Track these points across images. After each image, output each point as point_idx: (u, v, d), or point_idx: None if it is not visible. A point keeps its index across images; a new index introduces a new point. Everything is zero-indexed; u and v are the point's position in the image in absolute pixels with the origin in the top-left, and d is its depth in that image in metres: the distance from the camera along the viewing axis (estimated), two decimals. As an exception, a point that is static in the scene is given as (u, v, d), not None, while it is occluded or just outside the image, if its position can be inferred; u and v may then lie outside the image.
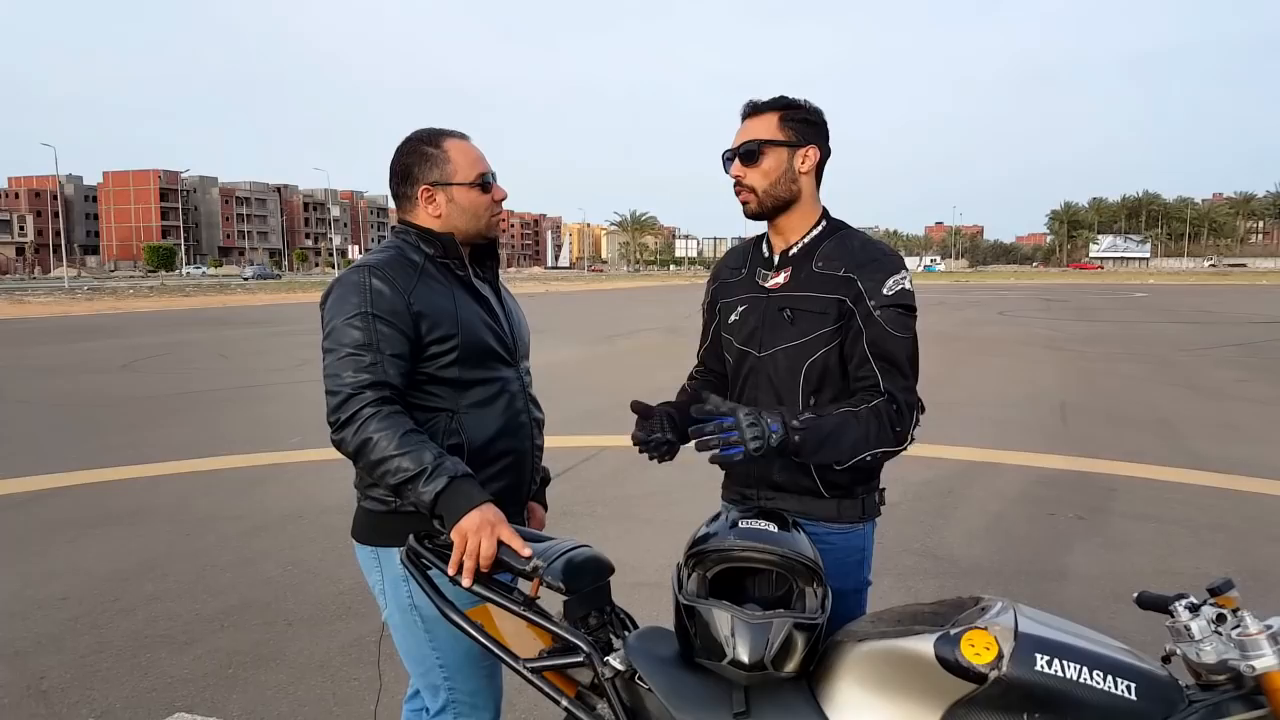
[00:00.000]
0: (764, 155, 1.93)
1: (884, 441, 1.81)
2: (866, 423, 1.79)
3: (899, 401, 1.83)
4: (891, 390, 1.83)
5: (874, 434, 1.79)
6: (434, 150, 1.95)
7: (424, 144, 1.97)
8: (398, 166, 1.98)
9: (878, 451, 1.81)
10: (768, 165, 1.93)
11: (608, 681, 1.62)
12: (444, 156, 1.95)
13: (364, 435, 1.75)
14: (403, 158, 1.98)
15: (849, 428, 1.77)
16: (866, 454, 1.79)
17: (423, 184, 1.95)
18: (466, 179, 1.96)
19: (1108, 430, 8.15)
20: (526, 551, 1.67)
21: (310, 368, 13.05)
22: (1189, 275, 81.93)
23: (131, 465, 6.91)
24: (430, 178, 1.95)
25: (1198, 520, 5.28)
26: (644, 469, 6.68)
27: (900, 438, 1.83)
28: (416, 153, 1.96)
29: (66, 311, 29.67)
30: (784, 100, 1.96)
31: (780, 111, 1.94)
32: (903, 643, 1.50)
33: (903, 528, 5.08)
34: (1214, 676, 1.45)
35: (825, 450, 1.76)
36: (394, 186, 2.01)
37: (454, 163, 1.95)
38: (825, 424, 1.75)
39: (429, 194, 1.95)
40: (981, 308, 29.91)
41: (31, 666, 3.48)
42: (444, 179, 1.95)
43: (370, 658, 3.52)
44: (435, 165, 1.95)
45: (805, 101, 1.97)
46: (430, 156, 1.95)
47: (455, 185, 1.95)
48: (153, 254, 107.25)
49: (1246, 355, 14.51)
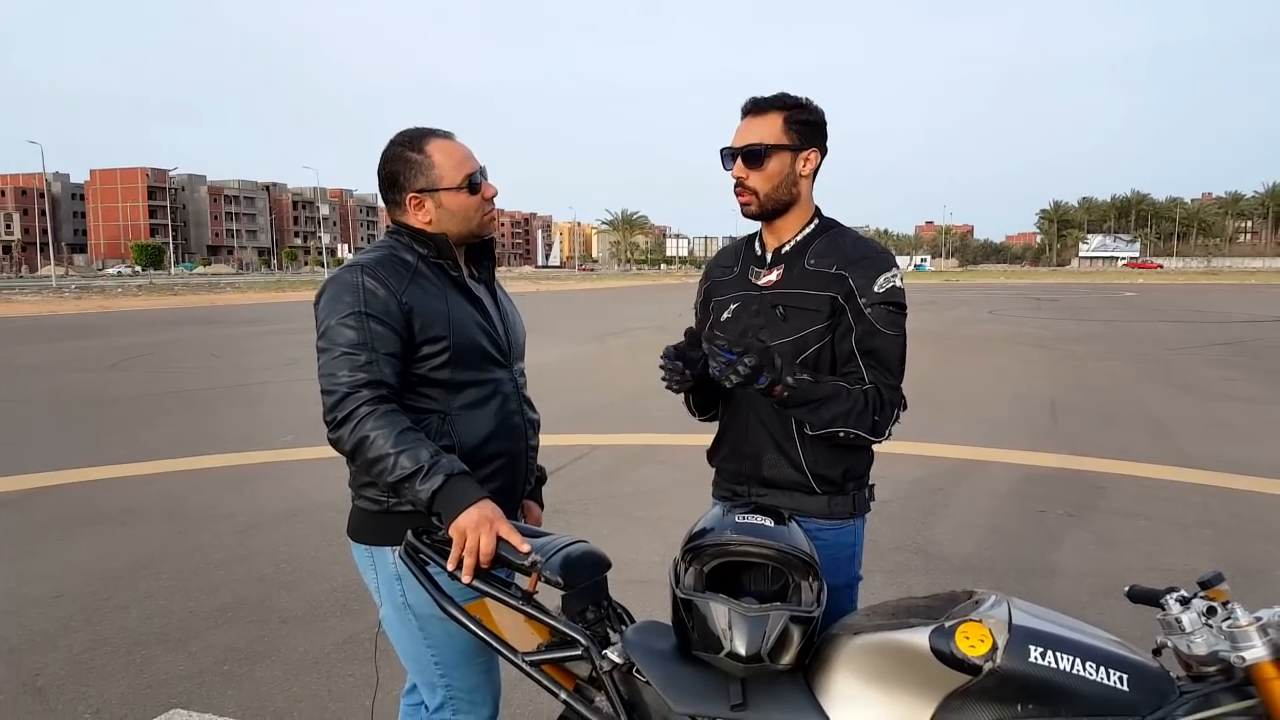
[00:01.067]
0: (769, 159, 1.92)
1: (861, 425, 1.85)
2: (855, 400, 1.85)
3: (883, 397, 1.88)
4: (876, 384, 1.88)
5: (855, 413, 1.84)
6: (418, 156, 1.92)
7: (407, 149, 1.93)
8: (384, 173, 1.96)
9: (851, 431, 1.85)
10: (772, 169, 1.93)
11: (606, 674, 1.63)
12: (429, 162, 1.92)
13: (360, 434, 1.76)
14: (388, 164, 1.95)
15: (838, 399, 1.83)
16: (840, 430, 1.84)
17: (410, 192, 1.93)
18: (453, 183, 1.93)
19: (1097, 428, 8.20)
20: (525, 547, 1.68)
21: (301, 366, 13.02)
22: (1178, 275, 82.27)
23: (123, 463, 6.89)
24: (416, 185, 1.93)
25: (1186, 518, 5.32)
26: (635, 468, 6.76)
27: (877, 428, 1.87)
28: (400, 159, 1.93)
29: (55, 310, 29.51)
30: (788, 99, 1.94)
31: (785, 112, 1.93)
32: (898, 635, 1.52)
33: (894, 525, 5.11)
34: (1204, 668, 1.47)
35: (806, 410, 1.82)
36: (383, 192, 2.00)
37: (439, 167, 1.92)
38: (818, 390, 1.82)
39: (417, 201, 1.94)
40: (971, 306, 30.03)
41: (27, 664, 3.48)
42: (430, 185, 1.93)
43: (365, 654, 3.52)
44: (420, 172, 1.92)
45: (808, 101, 1.96)
46: (414, 163, 1.92)
47: (443, 191, 1.93)
48: (141, 252, 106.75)
49: (1235, 354, 14.61)
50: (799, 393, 1.78)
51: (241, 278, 77.01)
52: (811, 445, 1.92)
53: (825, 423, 1.84)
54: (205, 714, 3.09)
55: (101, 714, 3.10)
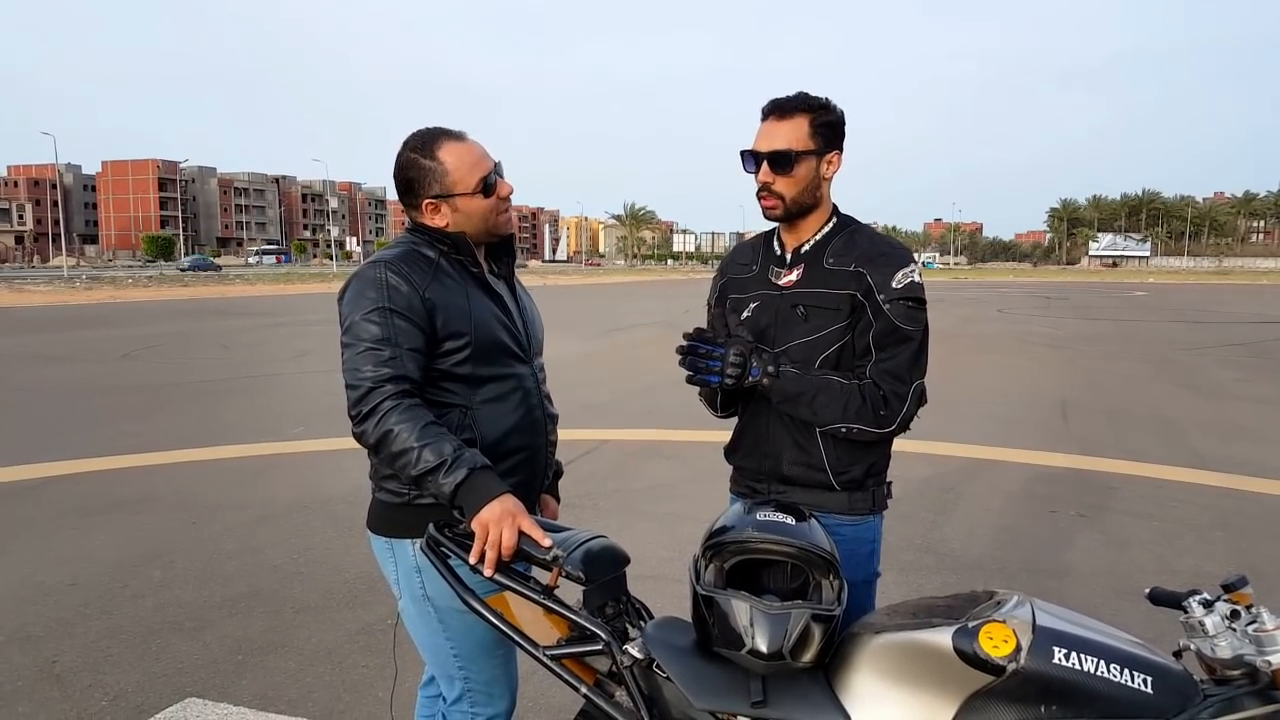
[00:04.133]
0: (798, 164, 1.91)
1: (863, 419, 1.86)
2: (847, 394, 1.86)
3: (885, 390, 1.87)
4: (875, 379, 1.88)
5: (853, 408, 1.85)
6: (430, 163, 1.92)
7: (420, 155, 1.93)
8: (399, 179, 1.97)
9: (855, 427, 1.86)
10: (800, 174, 1.93)
11: (626, 669, 1.64)
12: (442, 169, 1.91)
13: (385, 428, 1.77)
14: (402, 171, 1.95)
15: (827, 393, 1.85)
16: (843, 425, 1.86)
17: (425, 198, 1.94)
18: (467, 188, 1.93)
19: (1108, 429, 8.18)
20: (547, 541, 1.69)
21: (311, 358, 13.06)
22: (1189, 274, 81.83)
23: (136, 454, 6.93)
24: (431, 192, 1.93)
25: (1199, 519, 5.31)
26: (644, 463, 6.76)
27: (884, 422, 1.87)
28: (414, 166, 1.93)
29: (66, 300, 29.65)
30: (812, 101, 1.93)
31: (810, 115, 1.92)
32: (920, 635, 1.52)
33: (905, 524, 5.10)
34: (1229, 671, 1.47)
35: (796, 404, 1.86)
36: (400, 197, 2.00)
37: (453, 173, 1.92)
38: (803, 382, 1.85)
39: (433, 206, 1.95)
40: (980, 305, 29.93)
41: (44, 651, 3.50)
42: (445, 191, 1.93)
43: (378, 645, 3.54)
44: (434, 179, 1.92)
45: (829, 101, 1.95)
46: (428, 170, 1.92)
47: (458, 196, 1.93)
48: (151, 244, 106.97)
49: (1247, 355, 14.53)
50: (786, 382, 1.82)
51: (250, 270, 77.18)
52: (833, 443, 1.92)
53: (822, 418, 1.86)
54: (221, 703, 3.11)
55: (118, 702, 3.12)
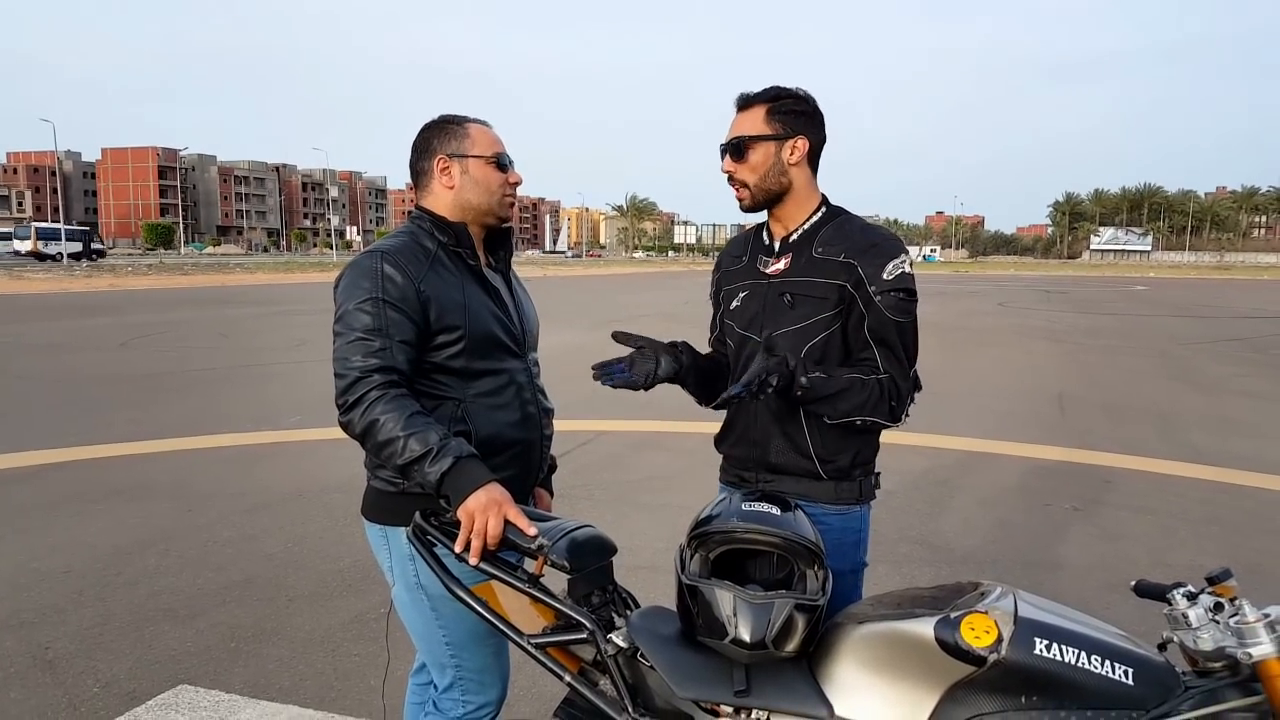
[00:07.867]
0: (750, 150, 1.96)
1: (879, 413, 1.91)
2: (870, 390, 1.89)
3: (897, 384, 1.92)
4: (891, 372, 1.91)
5: (872, 403, 1.89)
6: (455, 126, 2.02)
7: (448, 121, 2.04)
8: (419, 140, 2.04)
9: (869, 419, 1.91)
10: (755, 160, 1.96)
11: (610, 658, 1.65)
12: (464, 132, 2.01)
13: (371, 417, 1.77)
14: (425, 132, 2.04)
15: (853, 391, 1.88)
16: (858, 418, 1.89)
17: (440, 154, 2.00)
18: (483, 154, 2.01)
19: (1105, 422, 8.18)
20: (532, 531, 1.70)
21: (309, 348, 13.06)
22: (1190, 269, 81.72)
23: (132, 441, 6.94)
24: (448, 149, 2.00)
25: (1194, 513, 5.31)
26: (640, 454, 6.76)
27: (895, 413, 1.93)
28: (438, 127, 2.03)
29: (65, 288, 29.60)
30: (773, 91, 1.97)
31: (768, 104, 1.96)
32: (903, 625, 1.52)
33: (899, 516, 5.11)
34: (1210, 664, 1.47)
35: (824, 404, 1.88)
36: (413, 161, 2.05)
37: (473, 138, 2.01)
38: (833, 384, 1.87)
39: (444, 164, 1.99)
40: (980, 298, 29.92)
41: (37, 637, 3.51)
42: (461, 151, 2.00)
43: (371, 633, 3.55)
44: (454, 138, 2.01)
45: (796, 90, 1.97)
46: (451, 131, 2.02)
47: (471, 157, 2.00)
48: (151, 232, 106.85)
49: (1245, 350, 14.53)
50: (813, 390, 1.83)
51: (250, 258, 77.15)
52: (819, 431, 1.94)
53: (843, 414, 1.89)
54: (212, 690, 3.12)
55: (110, 688, 3.13)
